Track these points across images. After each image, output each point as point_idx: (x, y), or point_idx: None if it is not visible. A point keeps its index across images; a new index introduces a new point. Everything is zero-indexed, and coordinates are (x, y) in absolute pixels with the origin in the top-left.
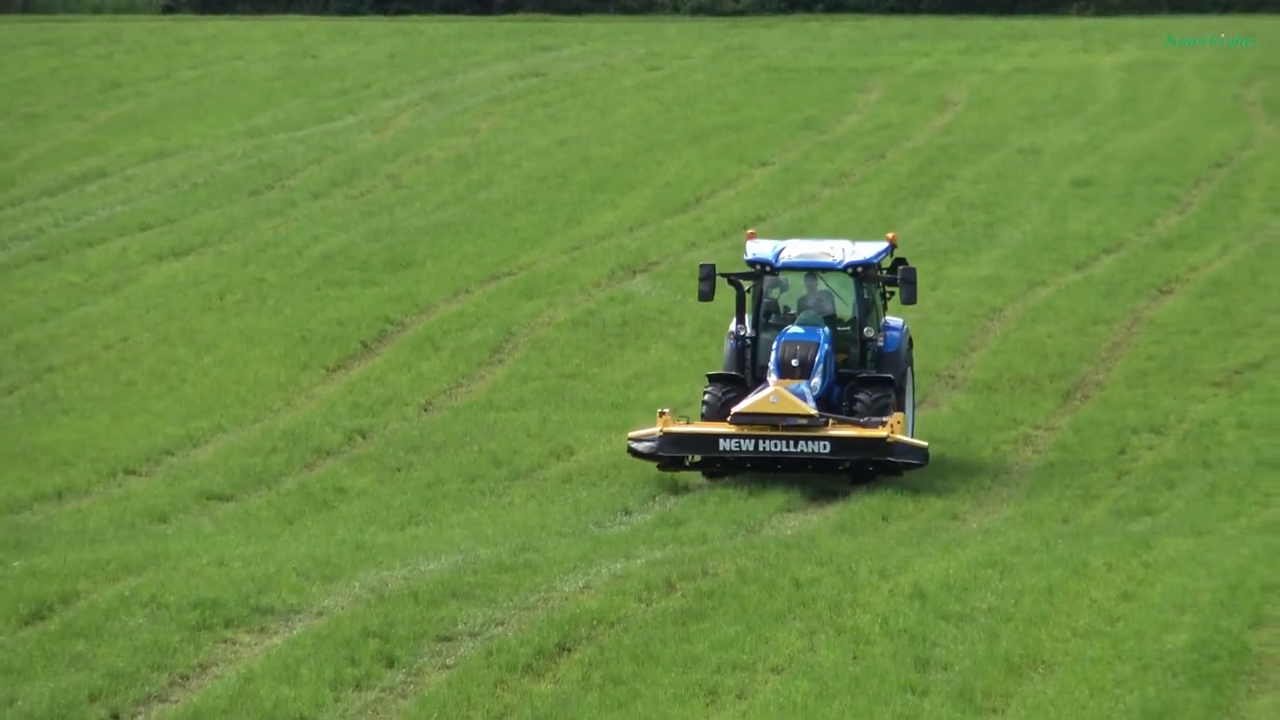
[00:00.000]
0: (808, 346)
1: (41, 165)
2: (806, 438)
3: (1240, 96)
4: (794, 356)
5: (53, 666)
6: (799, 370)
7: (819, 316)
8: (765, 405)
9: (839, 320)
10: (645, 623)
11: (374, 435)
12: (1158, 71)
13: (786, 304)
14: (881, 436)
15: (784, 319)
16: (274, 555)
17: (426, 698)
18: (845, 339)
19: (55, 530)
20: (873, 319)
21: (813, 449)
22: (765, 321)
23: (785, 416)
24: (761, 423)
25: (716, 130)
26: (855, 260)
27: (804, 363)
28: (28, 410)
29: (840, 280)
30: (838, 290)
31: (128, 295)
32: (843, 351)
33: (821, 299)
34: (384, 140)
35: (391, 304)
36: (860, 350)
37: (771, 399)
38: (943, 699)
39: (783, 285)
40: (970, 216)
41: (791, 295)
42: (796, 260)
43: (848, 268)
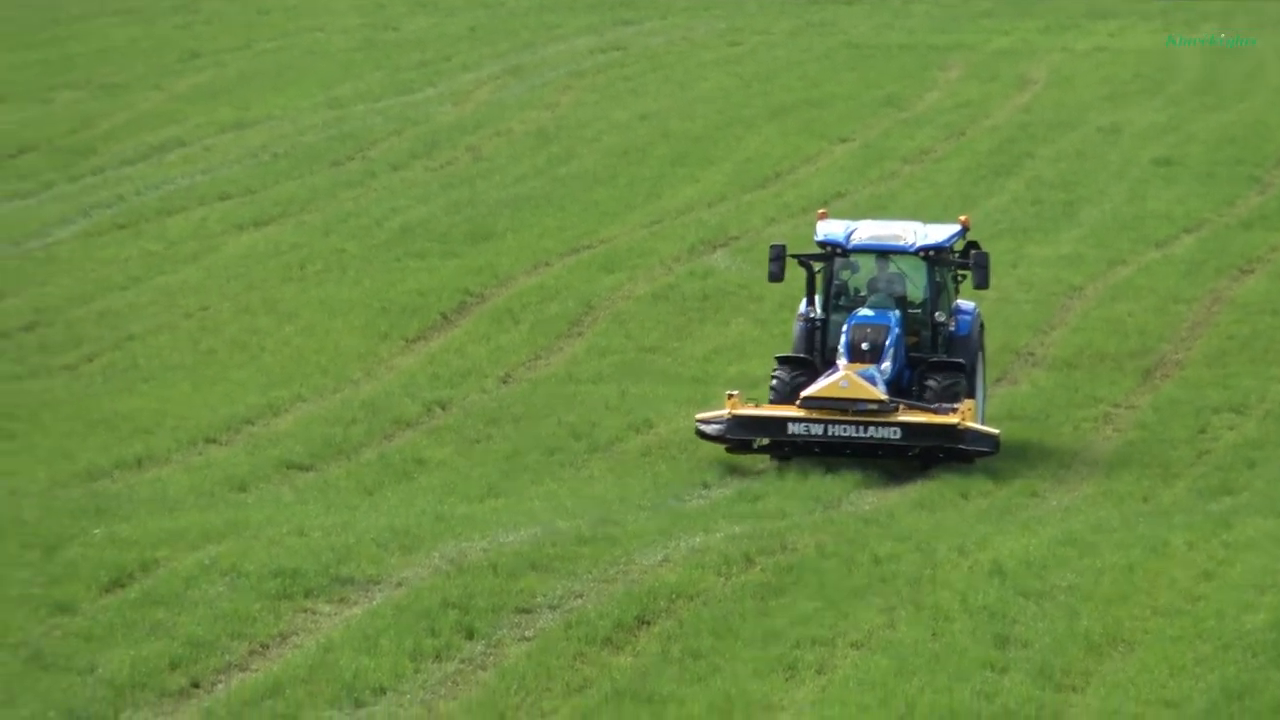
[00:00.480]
0: (878, 330)
1: (121, 135)
2: (876, 423)
3: None
4: (864, 340)
5: (133, 634)
6: (869, 354)
7: (890, 299)
8: (835, 390)
9: (910, 303)
10: (724, 597)
11: (453, 407)
12: (1239, 52)
13: (857, 286)
14: (953, 423)
15: (854, 301)
16: (353, 525)
17: (506, 669)
18: (916, 322)
19: (135, 498)
20: (944, 302)
21: (882, 435)
22: (835, 303)
23: (855, 401)
24: (831, 407)
25: (797, 106)
26: (927, 243)
27: (874, 346)
28: (109, 378)
29: (912, 263)
30: (909, 273)
31: (208, 264)
32: (913, 335)
33: (892, 281)
34: (464, 113)
35: (471, 276)
36: (931, 334)
37: (841, 383)
38: (1022, 676)
39: (853, 267)
40: (1050, 195)
41: (862, 277)
42: (868, 242)
43: (920, 250)
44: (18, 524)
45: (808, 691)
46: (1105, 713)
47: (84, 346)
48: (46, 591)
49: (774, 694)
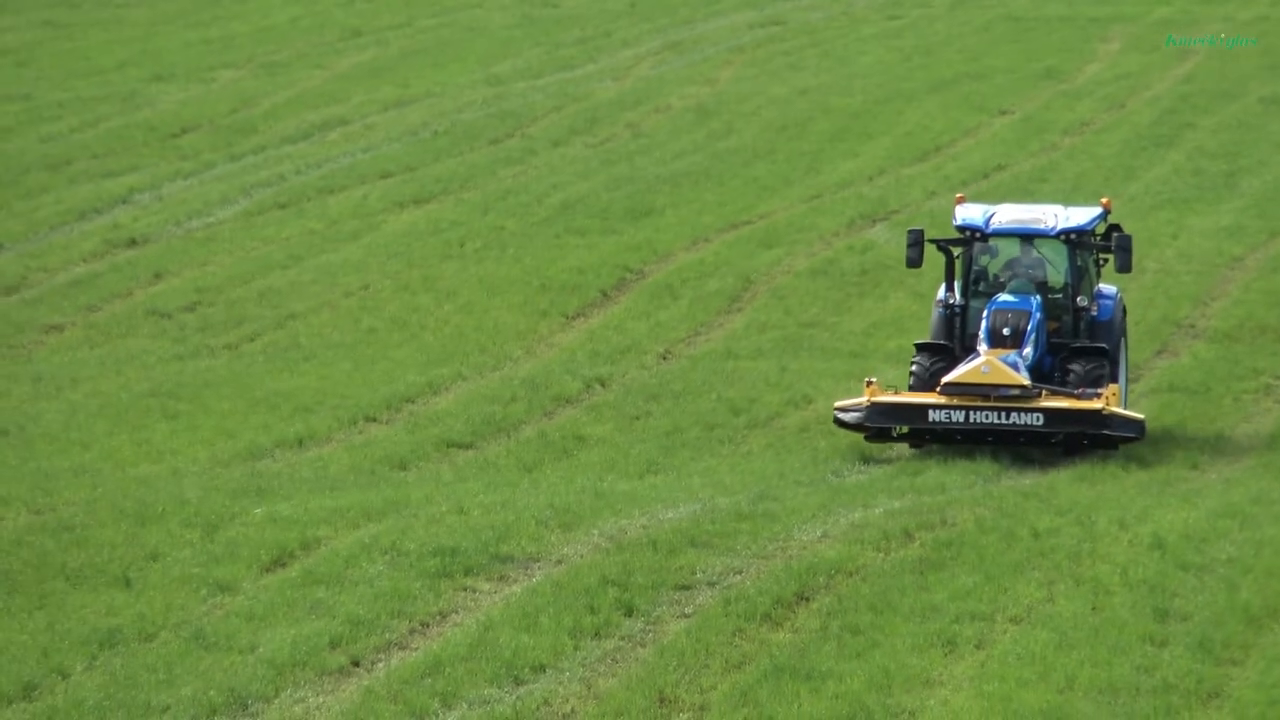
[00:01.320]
0: (1019, 315)
1: (283, 113)
2: (1019, 409)
3: None
4: (1005, 325)
5: (294, 613)
6: (1010, 339)
7: (1030, 284)
8: (976, 375)
9: (1051, 289)
10: (883, 572)
11: (613, 383)
12: None
13: (996, 271)
14: (1097, 409)
15: (994, 287)
16: (513, 503)
17: (665, 646)
18: (1057, 308)
19: (296, 477)
20: (1086, 287)
21: (1025, 421)
22: (974, 289)
23: (997, 387)
24: (972, 393)
25: (957, 79)
26: (1069, 226)
27: (1015, 331)
28: (270, 357)
29: (1053, 247)
30: (1050, 257)
31: (368, 243)
32: (1055, 320)
33: (1033, 266)
34: (624, 89)
35: (631, 252)
36: (1073, 319)
37: (983, 369)
38: (1182, 650)
39: (992, 252)
40: (1211, 165)
41: (1001, 262)
42: (1008, 226)
43: (1061, 234)
44: (180, 503)
45: (967, 666)
46: (1265, 685)
47: (245, 326)
48: (208, 571)
49: (933, 669)
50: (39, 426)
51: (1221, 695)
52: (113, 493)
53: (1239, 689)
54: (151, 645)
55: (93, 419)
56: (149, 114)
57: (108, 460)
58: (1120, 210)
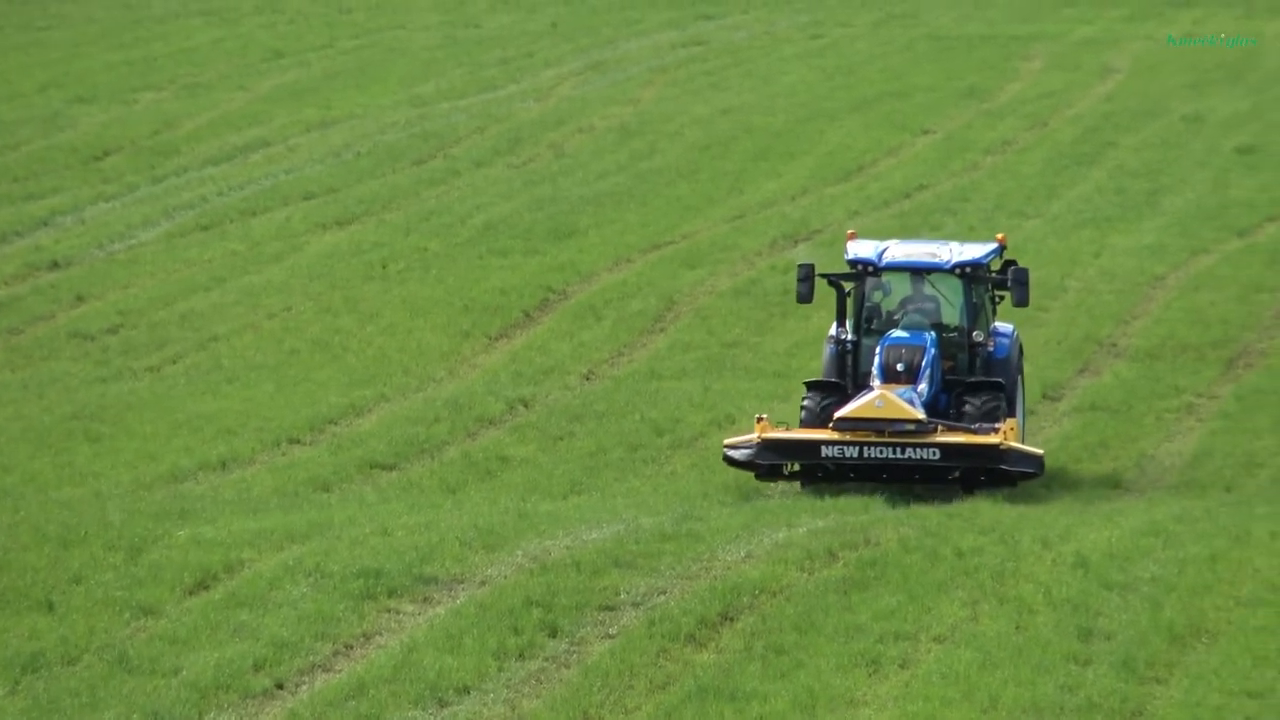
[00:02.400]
0: (913, 350)
1: (205, 135)
2: (914, 444)
3: None
4: (899, 361)
5: (217, 636)
6: (904, 375)
7: (925, 321)
8: (870, 409)
9: (945, 326)
10: (807, 592)
11: (536, 404)
12: None
13: (889, 308)
14: (995, 443)
15: (887, 324)
16: (437, 524)
17: (589, 667)
18: (952, 345)
19: (220, 499)
20: (982, 323)
21: (921, 456)
22: (867, 326)
23: (891, 421)
24: (866, 428)
25: (879, 98)
26: (963, 260)
27: (910, 367)
28: (192, 379)
29: (947, 282)
30: (944, 293)
31: (291, 264)
32: (950, 358)
33: (927, 303)
34: (546, 109)
35: (554, 273)
36: (969, 356)
37: (876, 403)
38: (1106, 668)
39: (885, 289)
40: (1133, 184)
41: (895, 299)
42: (901, 260)
43: (955, 268)
44: (102, 526)
45: (891, 686)
46: (1189, 704)
47: (168, 348)
48: (131, 594)
49: (857, 689)
50: None
51: (1145, 714)
52: (35, 516)
53: (1162, 708)
54: (75, 669)
55: (14, 442)
56: (70, 136)
57: (30, 483)
58: (1042, 229)
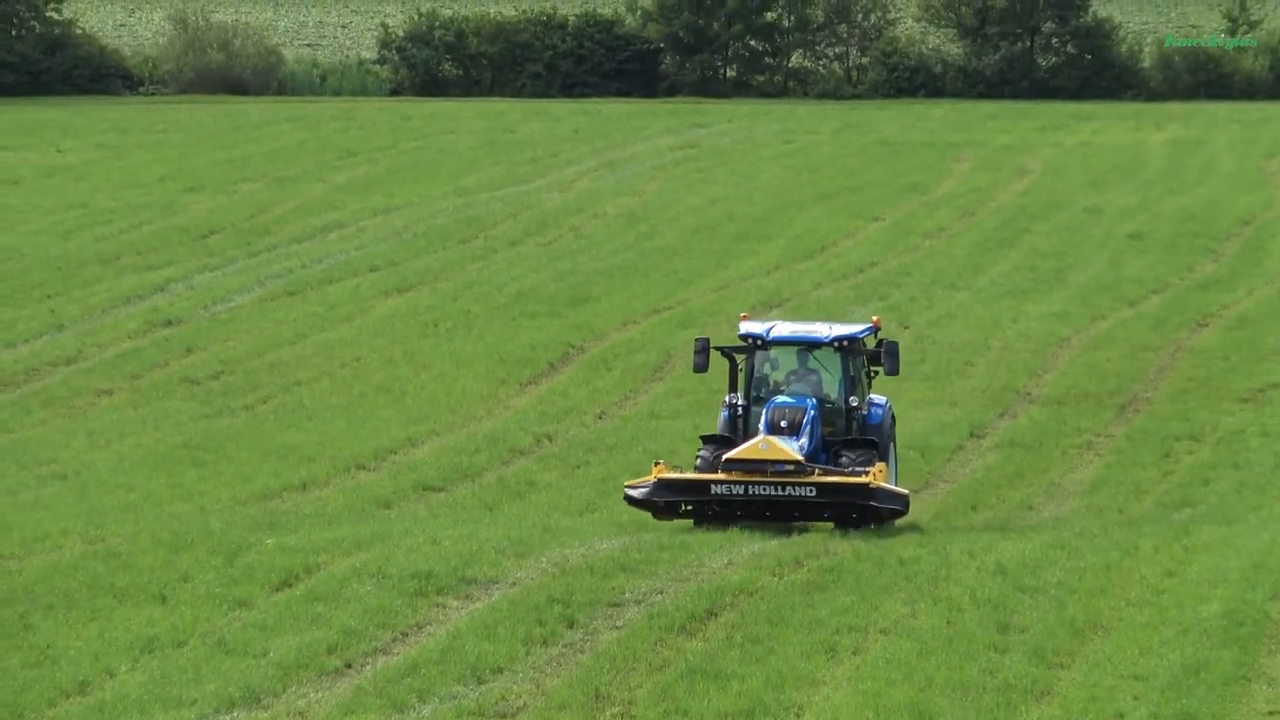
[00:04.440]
0: (796, 410)
1: (290, 219)
2: (793, 483)
3: (1263, 168)
4: (783, 419)
5: (298, 625)
6: (788, 429)
7: (807, 389)
8: (755, 452)
9: (826, 397)
10: (778, 592)
11: (558, 438)
12: (1196, 147)
13: (777, 379)
14: (864, 482)
15: (774, 392)
16: (477, 536)
17: (600, 652)
18: (831, 413)
19: (300, 514)
20: (859, 392)
21: (799, 493)
22: (756, 394)
23: (774, 462)
24: (751, 469)
25: (838, 192)
26: (841, 335)
27: (793, 423)
28: (279, 416)
29: (827, 355)
30: (825, 364)
31: (360, 324)
32: (829, 424)
33: (810, 375)
34: (568, 199)
35: (573, 332)
36: (845, 421)
37: (761, 445)
38: (1020, 656)
39: (774, 363)
40: (1044, 263)
41: (781, 371)
42: (785, 335)
43: (834, 341)
44: (206, 535)
45: (845, 669)
46: (1087, 685)
47: (259, 391)
48: (228, 590)
49: (818, 671)
50: (92, 472)
51: (1052, 693)
52: (152, 526)
53: (1066, 688)
54: (183, 650)
55: (135, 466)
56: (183, 219)
57: (148, 500)
58: (970, 299)
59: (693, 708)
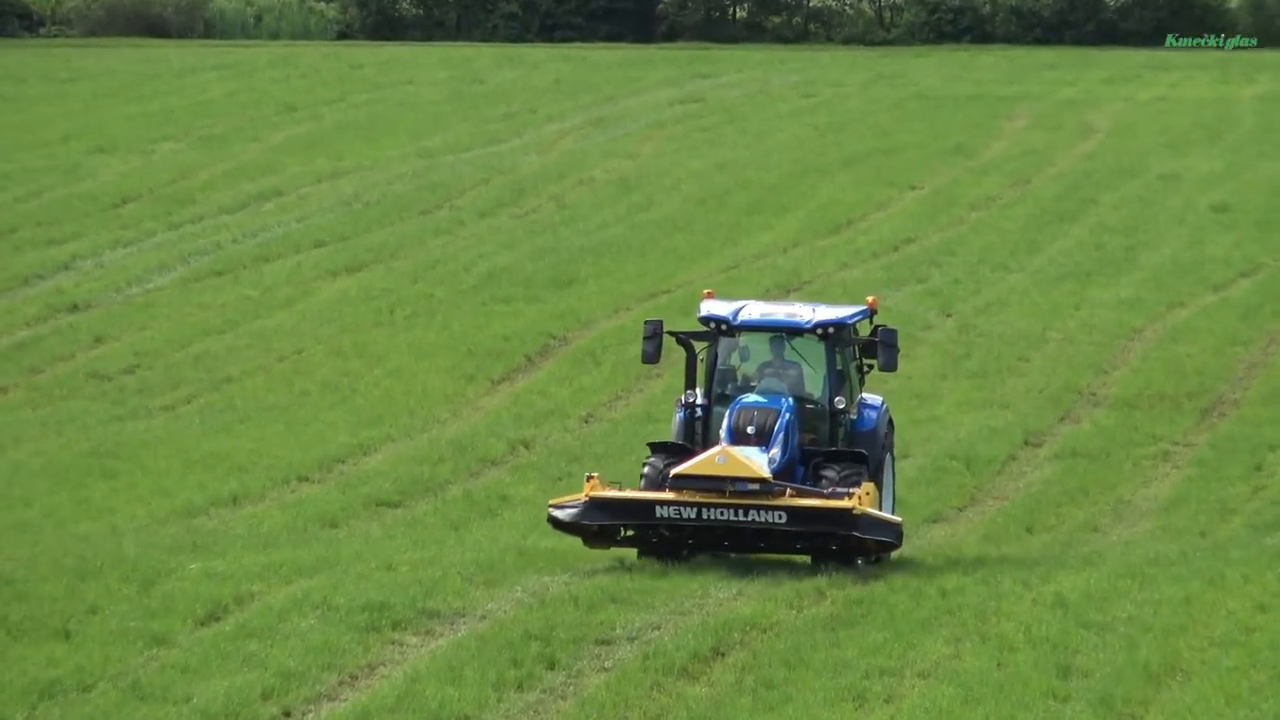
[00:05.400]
0: (766, 413)
1: (220, 184)
2: (759, 506)
3: None
4: (750, 424)
5: (227, 665)
6: (755, 438)
7: (783, 387)
8: (710, 466)
9: (807, 396)
10: (796, 629)
11: (537, 445)
12: None
13: (746, 373)
14: (847, 508)
15: (741, 388)
16: (440, 560)
17: (585, 699)
18: (813, 416)
19: (230, 534)
20: (846, 390)
21: (766, 519)
22: (720, 391)
23: (734, 480)
24: (705, 488)
25: (868, 155)
26: (825, 320)
27: (761, 430)
28: (205, 419)
29: (808, 345)
30: (806, 357)
31: (302, 309)
32: (810, 431)
33: (787, 369)
34: (548, 162)
35: (554, 320)
36: (830, 427)
37: (718, 459)
38: (1083, 705)
39: (744, 353)
40: (1112, 240)
41: (753, 364)
42: (757, 319)
43: (817, 328)
44: (117, 559)
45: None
46: None
47: (182, 388)
48: (144, 624)
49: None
50: None
51: None
52: (53, 548)
53: None
54: (90, 696)
55: (34, 477)
56: (91, 185)
57: (48, 517)
58: (1025, 282)
59: None
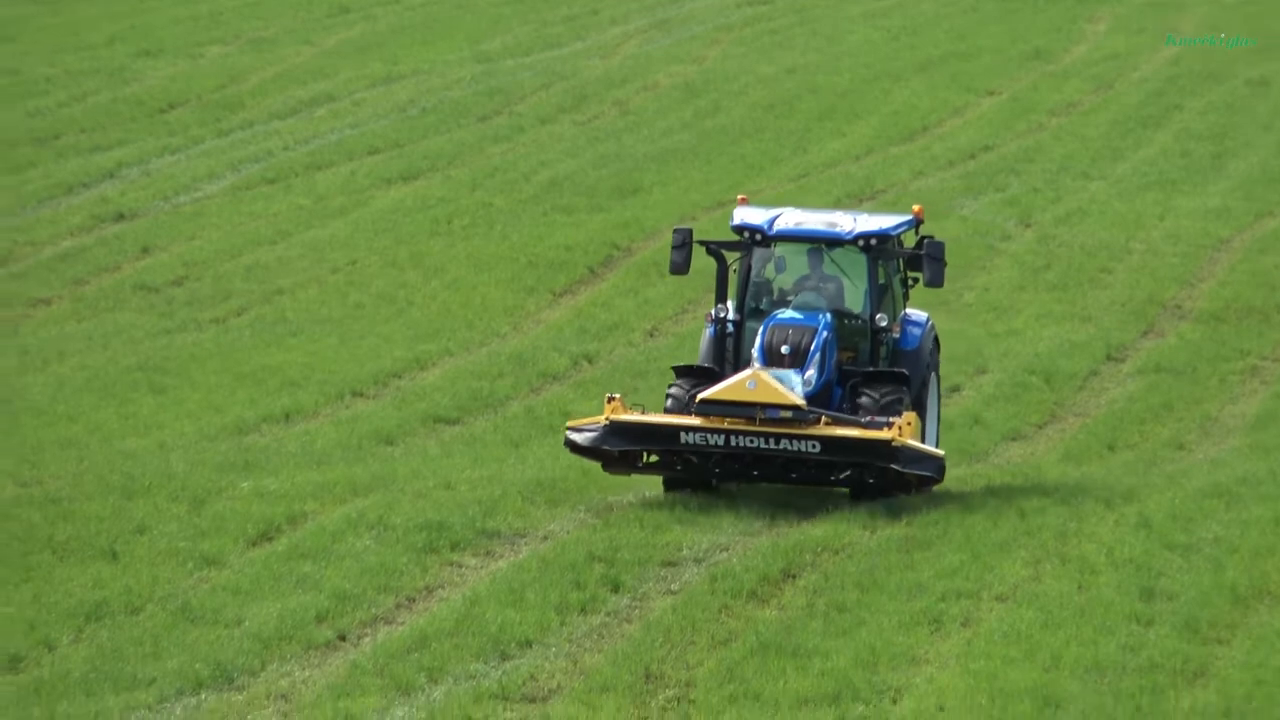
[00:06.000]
0: (802, 331)
1: (270, 89)
2: (791, 435)
3: None
4: (784, 343)
5: (280, 587)
6: (790, 359)
7: (821, 300)
8: (739, 391)
9: (847, 311)
10: (870, 550)
11: (600, 360)
12: None
13: (782, 286)
14: (885, 439)
15: (777, 303)
16: (500, 479)
17: (651, 622)
18: (853, 333)
19: (283, 452)
20: (888, 306)
21: (798, 448)
22: (754, 306)
23: (765, 406)
24: (735, 413)
25: (944, 59)
26: (867, 231)
27: (796, 350)
28: (256, 332)
29: (849, 257)
30: (846, 269)
31: (356, 219)
32: (849, 349)
33: (826, 283)
34: (611, 66)
35: (618, 230)
36: (871, 345)
37: (748, 384)
38: (1168, 629)
39: (779, 265)
40: (1198, 147)
41: (790, 277)
42: (794, 229)
43: (858, 239)
44: (166, 477)
45: (953, 644)
46: (1251, 665)
47: (232, 300)
48: (194, 544)
49: (919, 646)
50: (25, 400)
51: (1207, 674)
52: (99, 466)
53: (1224, 668)
54: (138, 618)
55: (79, 393)
56: (137, 89)
57: (94, 434)
58: (1107, 191)
59: (764, 690)
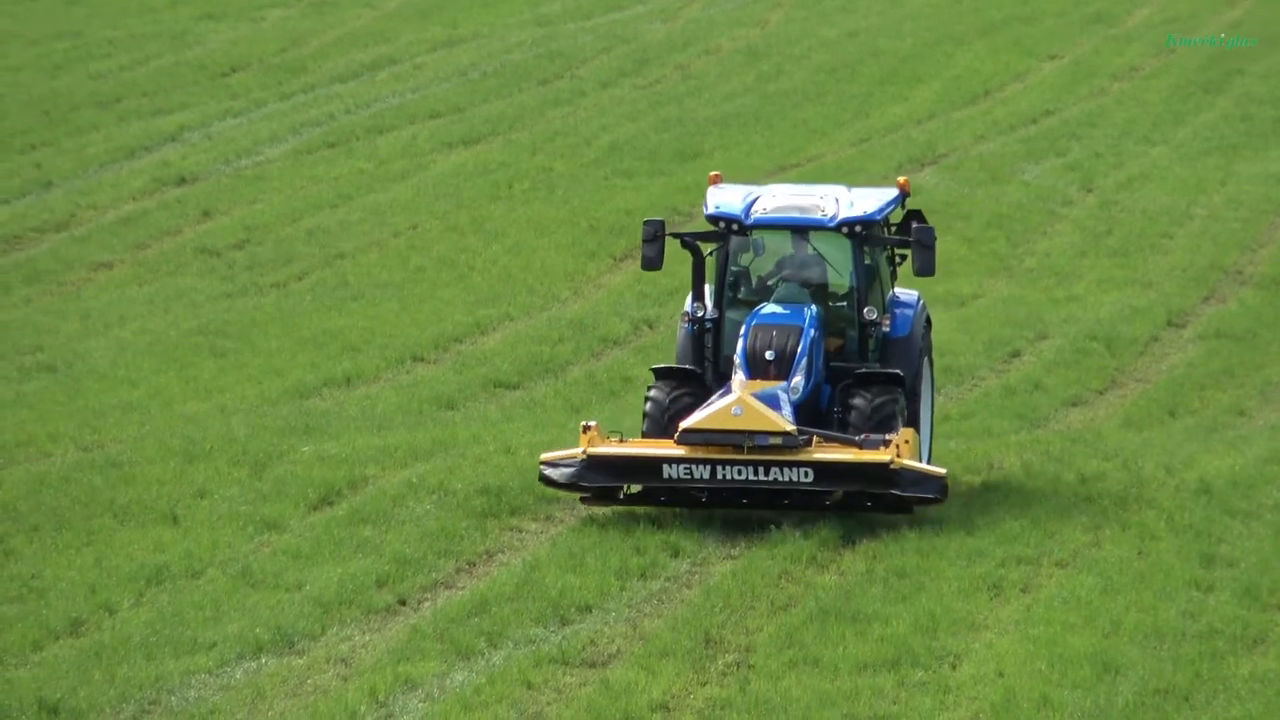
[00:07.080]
0: (786, 333)
1: (331, 52)
2: (782, 463)
3: None
4: (768, 347)
5: (340, 551)
6: (774, 366)
7: (804, 290)
8: (725, 419)
9: (832, 294)
10: (930, 516)
11: (661, 325)
12: None
13: (761, 271)
14: (883, 462)
15: (758, 293)
16: (560, 443)
17: (711, 588)
18: (840, 319)
19: (344, 416)
20: (875, 294)
21: (790, 477)
22: (733, 296)
23: (752, 434)
24: (720, 442)
25: (1006, 23)
26: (851, 216)
27: (781, 356)
28: (318, 296)
29: (833, 241)
30: (829, 254)
31: (417, 183)
32: (837, 336)
33: (808, 266)
34: (673, 30)
35: (679, 194)
36: (859, 335)
37: (734, 410)
38: (1228, 596)
39: (757, 248)
40: (1260, 111)
41: (768, 261)
42: (773, 217)
43: (842, 225)
44: (227, 441)
45: (1012, 610)
46: None
47: (294, 264)
48: (255, 508)
49: (978, 613)
50: (87, 364)
51: (1267, 641)
52: (160, 430)
53: None
54: (198, 582)
55: (141, 356)
56: (199, 52)
57: (155, 398)
58: (1168, 155)
59: (824, 656)
